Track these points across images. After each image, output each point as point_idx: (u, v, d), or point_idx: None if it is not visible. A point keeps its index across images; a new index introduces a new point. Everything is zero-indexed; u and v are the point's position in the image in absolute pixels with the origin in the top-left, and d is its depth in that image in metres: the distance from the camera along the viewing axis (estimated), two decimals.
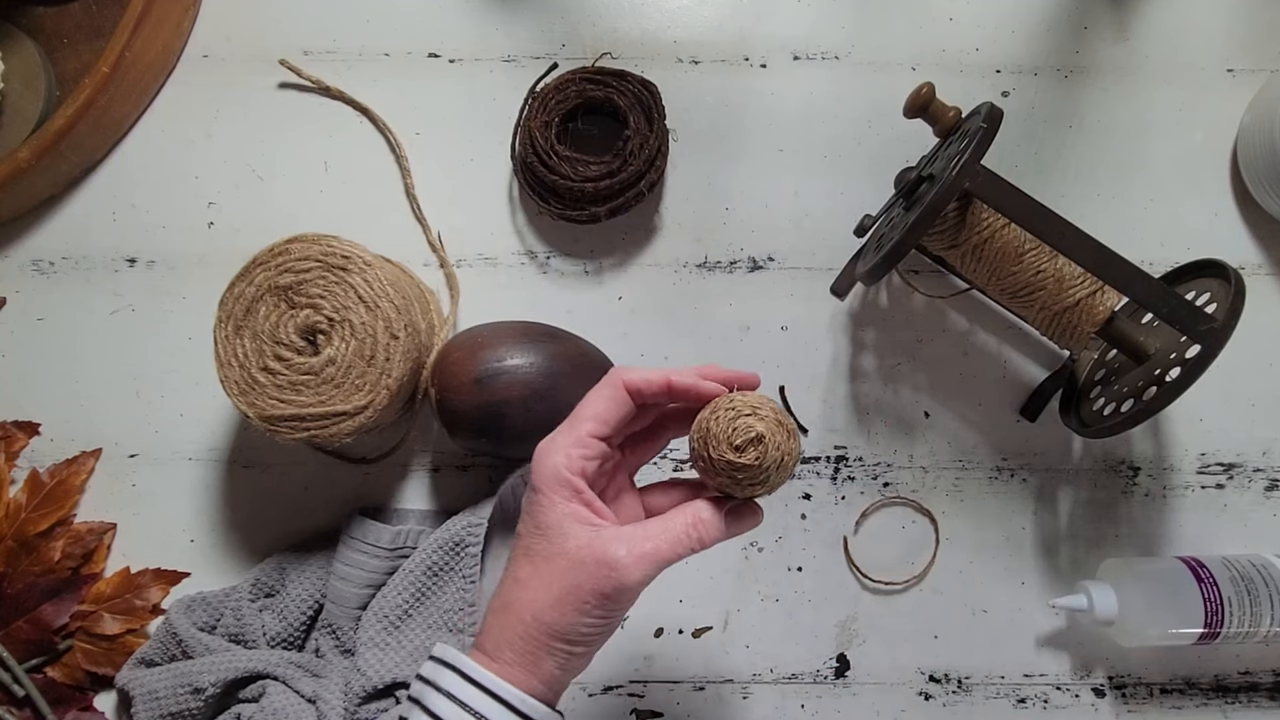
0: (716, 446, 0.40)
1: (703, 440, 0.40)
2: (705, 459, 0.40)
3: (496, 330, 0.56)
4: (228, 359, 0.52)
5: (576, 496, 0.40)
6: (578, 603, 0.39)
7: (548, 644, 0.39)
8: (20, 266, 0.63)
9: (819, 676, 0.61)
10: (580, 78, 0.61)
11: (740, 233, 0.64)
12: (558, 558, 0.39)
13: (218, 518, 0.62)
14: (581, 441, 0.41)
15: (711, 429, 0.40)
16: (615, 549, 0.39)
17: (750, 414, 0.40)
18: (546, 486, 0.40)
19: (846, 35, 0.65)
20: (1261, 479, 0.62)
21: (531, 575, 0.40)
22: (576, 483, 0.40)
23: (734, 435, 0.39)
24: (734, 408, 0.40)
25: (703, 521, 0.41)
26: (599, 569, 0.38)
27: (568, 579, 0.39)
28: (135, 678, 0.55)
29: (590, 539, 0.39)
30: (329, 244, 0.52)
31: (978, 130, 0.49)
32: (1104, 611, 0.56)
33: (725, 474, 0.40)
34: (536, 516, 0.40)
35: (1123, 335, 0.55)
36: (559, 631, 0.39)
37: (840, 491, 0.62)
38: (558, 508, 0.40)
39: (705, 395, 0.42)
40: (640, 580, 0.39)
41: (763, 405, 0.40)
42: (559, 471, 0.40)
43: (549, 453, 0.41)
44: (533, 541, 0.40)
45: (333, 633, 0.57)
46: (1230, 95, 0.64)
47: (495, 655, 0.40)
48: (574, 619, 0.39)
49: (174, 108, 0.65)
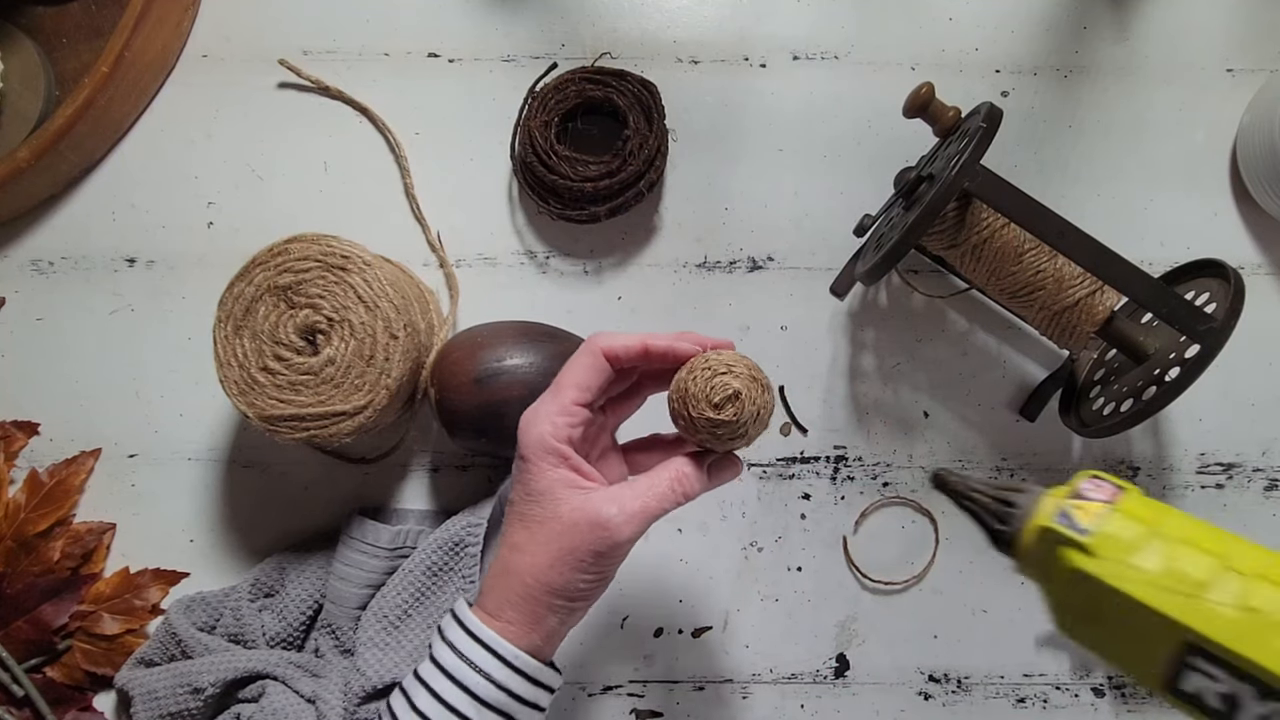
0: (696, 405, 0.41)
1: (682, 400, 0.42)
2: (685, 418, 0.42)
3: (496, 330, 0.56)
4: (227, 359, 0.52)
5: (564, 462, 0.42)
6: (575, 562, 0.40)
7: (548, 602, 0.41)
8: (20, 266, 0.63)
9: (818, 676, 0.61)
10: (580, 77, 0.61)
11: (740, 232, 0.64)
12: (551, 521, 0.41)
13: (217, 518, 0.62)
14: (565, 409, 0.42)
15: (690, 389, 0.41)
16: (607, 509, 0.40)
17: (726, 372, 0.41)
18: (534, 455, 0.42)
19: (846, 35, 0.65)
20: (1261, 479, 0.62)
21: (528, 540, 0.41)
22: (563, 449, 0.42)
23: (712, 393, 0.41)
24: (710, 367, 0.41)
25: (686, 476, 0.43)
26: (592, 530, 0.40)
27: (564, 541, 0.41)
28: (135, 678, 0.55)
29: (582, 502, 0.41)
30: (328, 244, 0.52)
31: (977, 130, 0.49)
32: None
33: (705, 431, 0.41)
34: (528, 484, 0.42)
35: (1122, 335, 0.55)
36: (558, 589, 0.41)
37: (840, 491, 0.62)
38: (547, 474, 0.41)
39: (681, 356, 0.43)
40: (631, 536, 0.41)
41: (737, 363, 0.41)
42: (545, 440, 0.42)
43: (534, 422, 0.42)
44: (526, 508, 0.42)
45: (332, 633, 0.57)
46: (1230, 95, 0.64)
47: (497, 614, 0.42)
48: (571, 577, 0.41)
49: (173, 108, 0.65)
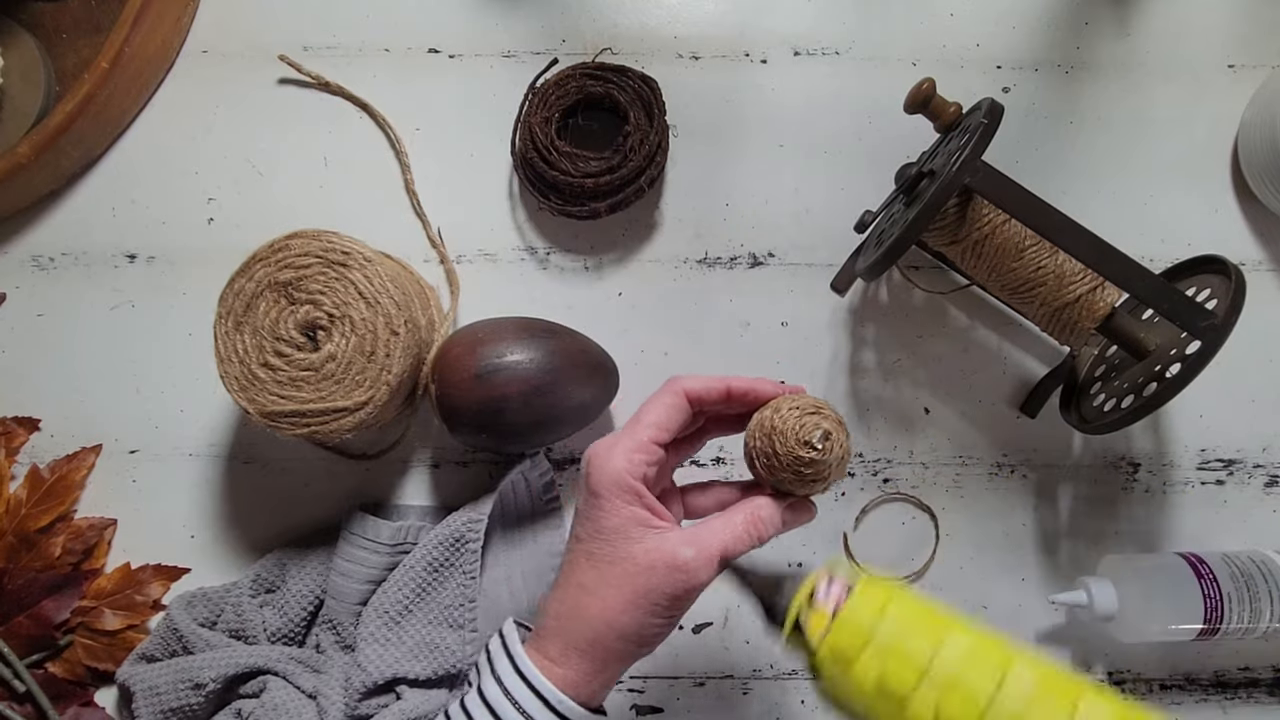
0: (784, 442, 0.40)
1: (768, 437, 0.41)
2: (769, 454, 0.41)
3: (496, 326, 0.56)
4: (228, 355, 0.52)
5: (639, 500, 0.41)
6: (650, 605, 0.39)
7: (618, 648, 0.40)
8: (20, 262, 0.63)
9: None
10: (580, 73, 0.61)
11: (740, 228, 0.64)
12: (624, 562, 0.40)
13: (218, 513, 0.62)
14: (643, 447, 0.41)
15: (778, 425, 0.41)
16: (683, 551, 0.39)
17: (815, 412, 0.41)
18: (607, 491, 0.40)
19: (847, 31, 0.65)
20: (1261, 475, 0.62)
21: (598, 581, 0.40)
22: (638, 487, 0.41)
23: (803, 431, 0.40)
24: (799, 406, 0.41)
25: (762, 519, 0.42)
26: (670, 572, 0.39)
27: (638, 582, 0.39)
28: (136, 673, 0.55)
29: (658, 542, 0.40)
30: (329, 240, 0.52)
31: (978, 126, 0.49)
32: (1104, 607, 0.56)
33: (790, 470, 0.41)
34: (598, 521, 0.41)
35: (1123, 331, 0.54)
36: (630, 634, 0.40)
37: (840, 487, 0.62)
38: (621, 512, 0.40)
39: (764, 397, 0.43)
40: (708, 579, 0.40)
41: (825, 406, 0.42)
42: (621, 476, 0.40)
43: (609, 458, 0.41)
44: (595, 546, 0.41)
45: (333, 628, 0.57)
46: (1231, 91, 0.64)
47: (561, 661, 0.40)
48: (645, 621, 0.40)
49: (174, 103, 0.64)
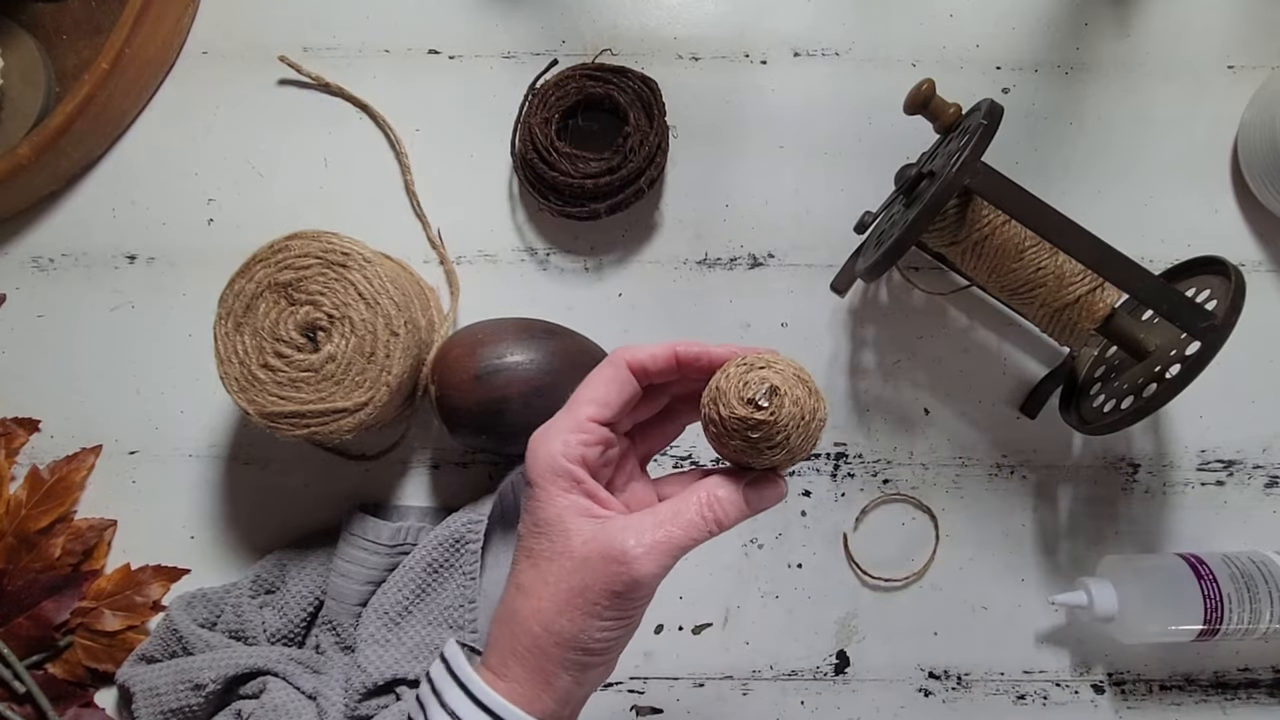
0: (726, 403, 0.35)
1: (712, 401, 0.36)
2: (715, 421, 0.36)
3: (496, 327, 0.56)
4: (228, 356, 0.52)
5: (577, 487, 0.36)
6: (588, 605, 0.35)
7: (560, 655, 0.35)
8: (20, 263, 0.63)
9: (819, 673, 0.61)
10: (580, 74, 0.61)
11: (740, 229, 0.64)
12: (561, 557, 0.35)
13: (218, 514, 0.62)
14: (580, 426, 0.37)
15: (721, 386, 0.36)
16: (623, 539, 0.34)
17: (764, 367, 0.35)
18: (543, 479, 0.36)
19: (847, 32, 0.65)
20: (1261, 476, 0.62)
21: (535, 580, 0.36)
22: (576, 471, 0.36)
23: (745, 389, 0.35)
24: (747, 363, 0.36)
25: (718, 500, 0.36)
26: (607, 565, 0.34)
27: (574, 579, 0.35)
28: (136, 674, 0.55)
29: (595, 532, 0.35)
30: (329, 240, 0.52)
31: (978, 127, 0.49)
32: (1104, 608, 0.56)
33: (738, 435, 0.35)
34: (535, 513, 0.36)
35: (1123, 332, 0.55)
36: (571, 640, 0.35)
37: (840, 488, 0.62)
38: (556, 501, 0.36)
39: (716, 361, 0.37)
40: (654, 573, 0.35)
41: (779, 360, 0.36)
42: (555, 461, 0.36)
43: (544, 441, 0.37)
44: (533, 542, 0.36)
45: (333, 629, 0.57)
46: (1231, 92, 0.64)
47: (502, 673, 0.36)
48: (586, 624, 0.35)
49: (174, 104, 0.64)
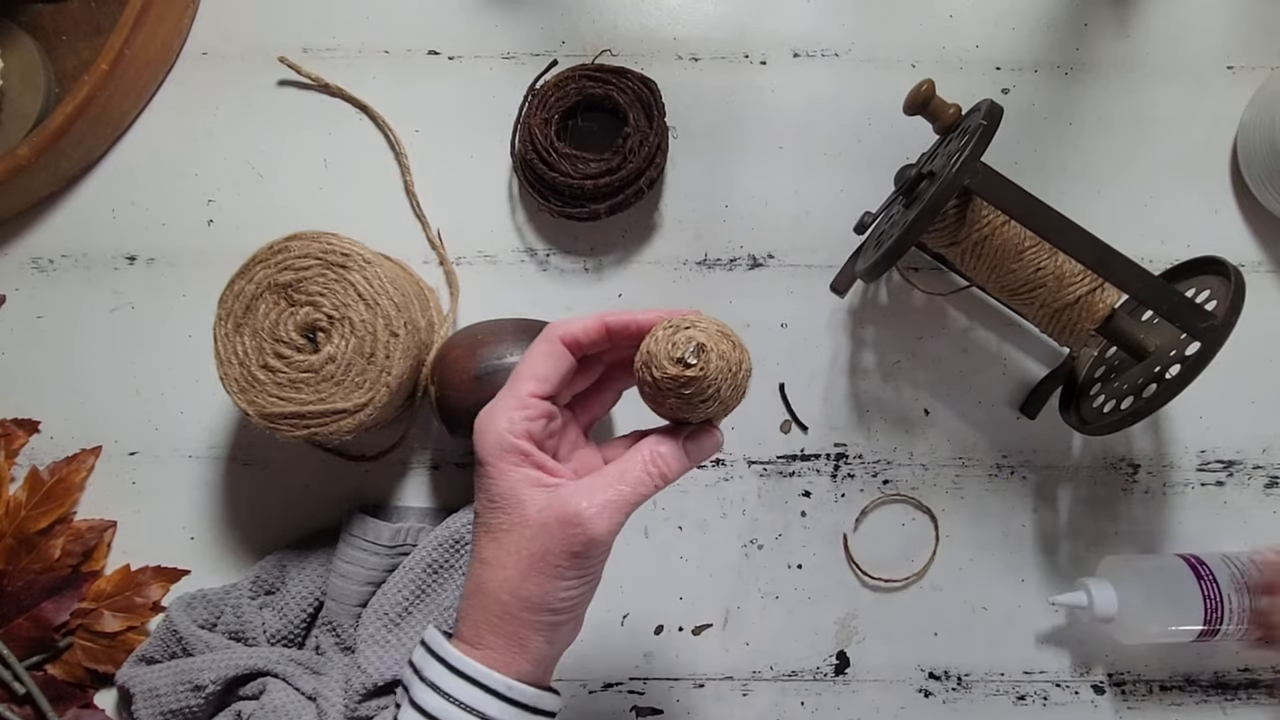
0: (658, 364, 0.37)
1: (644, 364, 0.38)
2: (650, 383, 0.38)
3: (496, 328, 0.56)
4: (227, 357, 0.52)
5: (526, 460, 0.38)
6: (549, 568, 0.37)
7: (529, 619, 0.38)
8: (20, 264, 0.63)
9: (819, 674, 0.61)
10: (580, 75, 0.61)
11: (740, 230, 0.64)
12: (519, 527, 0.37)
13: (218, 515, 0.62)
14: (522, 403, 0.39)
15: (651, 349, 0.38)
16: (576, 502, 0.37)
17: (689, 327, 0.38)
18: (493, 456, 0.38)
19: (847, 32, 0.65)
20: (1261, 476, 0.62)
21: (497, 552, 0.38)
22: (523, 446, 0.38)
23: (674, 349, 0.37)
24: (673, 325, 0.38)
25: (660, 455, 0.39)
26: (564, 528, 0.37)
27: (534, 546, 0.37)
28: (136, 675, 0.55)
29: (549, 499, 0.37)
30: (328, 241, 0.52)
31: (978, 127, 0.49)
32: (1104, 608, 0.56)
33: (672, 393, 0.38)
34: (489, 490, 0.38)
35: (1123, 332, 0.55)
36: (539, 603, 0.37)
37: (840, 489, 0.62)
38: (508, 475, 0.38)
39: (644, 326, 0.40)
40: (609, 530, 0.37)
41: (702, 319, 0.39)
42: (503, 438, 0.38)
43: (490, 420, 0.39)
44: (490, 517, 0.38)
45: (333, 630, 0.57)
46: (1230, 92, 0.64)
47: (476, 642, 0.38)
48: (549, 586, 0.37)
49: (174, 105, 0.64)
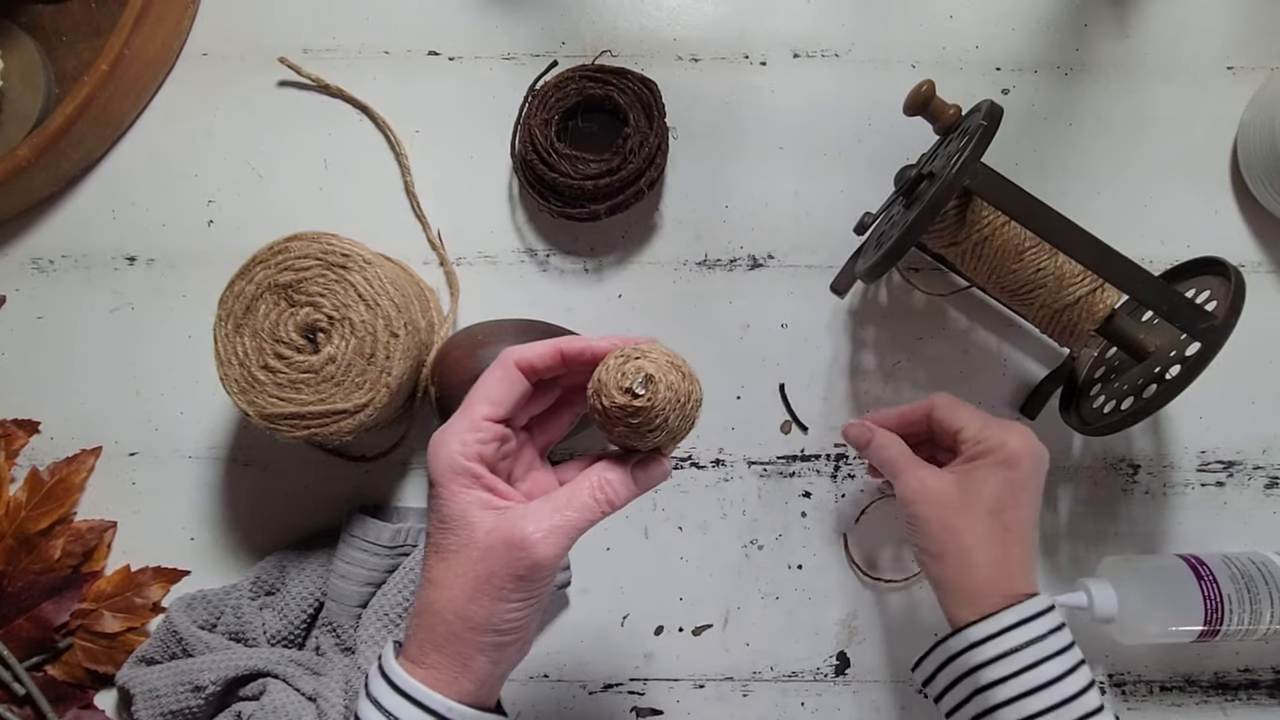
0: (607, 394, 0.38)
1: (595, 392, 0.39)
2: (600, 411, 0.39)
3: (496, 328, 0.56)
4: (227, 357, 0.52)
5: (477, 482, 0.39)
6: (494, 590, 0.37)
7: (474, 640, 0.38)
8: (20, 265, 0.63)
9: (819, 674, 0.61)
10: (580, 75, 0.61)
11: (740, 230, 0.64)
12: (467, 549, 0.38)
13: (218, 516, 0.62)
14: (475, 426, 0.39)
15: (602, 378, 0.39)
16: (523, 526, 0.37)
17: (639, 358, 0.38)
18: (444, 478, 0.39)
19: (847, 33, 0.65)
20: (1261, 476, 0.62)
21: (445, 572, 0.38)
22: (474, 468, 0.39)
23: (623, 379, 0.38)
24: (624, 354, 0.39)
25: (608, 482, 0.39)
26: (509, 551, 0.37)
27: (480, 568, 0.37)
28: (136, 676, 0.55)
29: (497, 522, 0.38)
30: (329, 242, 0.52)
31: (978, 128, 0.49)
32: (1104, 609, 0.56)
33: (621, 422, 0.39)
34: (439, 510, 0.39)
35: (1123, 333, 0.55)
36: (484, 624, 0.38)
37: (840, 489, 0.62)
38: (459, 497, 0.38)
39: (599, 354, 0.40)
40: (553, 555, 0.37)
41: (653, 350, 0.39)
42: (454, 460, 0.38)
43: (442, 443, 0.39)
44: (440, 537, 0.39)
45: (333, 631, 0.57)
46: (1230, 92, 0.64)
47: (420, 661, 0.38)
48: (494, 608, 0.38)
49: (173, 106, 0.64)
